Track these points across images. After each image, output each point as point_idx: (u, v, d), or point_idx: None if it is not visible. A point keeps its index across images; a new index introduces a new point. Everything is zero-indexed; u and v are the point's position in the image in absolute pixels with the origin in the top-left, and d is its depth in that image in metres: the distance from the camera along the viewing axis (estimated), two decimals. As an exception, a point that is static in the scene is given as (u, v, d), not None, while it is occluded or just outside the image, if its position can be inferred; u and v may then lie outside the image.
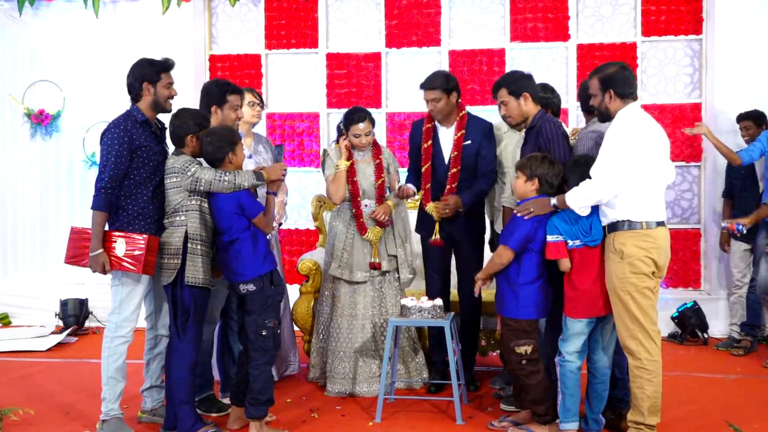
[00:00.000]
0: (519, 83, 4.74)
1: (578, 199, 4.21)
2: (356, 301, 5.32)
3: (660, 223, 4.18)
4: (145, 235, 4.38)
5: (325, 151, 5.44)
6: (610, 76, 4.23)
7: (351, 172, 5.30)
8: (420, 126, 5.46)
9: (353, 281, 5.30)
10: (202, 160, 4.50)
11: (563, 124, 4.81)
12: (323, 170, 5.39)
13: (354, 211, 5.31)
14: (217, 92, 4.82)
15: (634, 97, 4.24)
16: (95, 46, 7.84)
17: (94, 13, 7.74)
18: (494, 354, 5.98)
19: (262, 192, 4.81)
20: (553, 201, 4.31)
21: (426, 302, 4.90)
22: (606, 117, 4.30)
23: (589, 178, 4.20)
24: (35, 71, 8.02)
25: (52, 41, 7.94)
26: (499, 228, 5.26)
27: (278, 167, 4.64)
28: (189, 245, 4.40)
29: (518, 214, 4.42)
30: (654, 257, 4.13)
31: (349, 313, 5.30)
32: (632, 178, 4.12)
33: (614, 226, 4.19)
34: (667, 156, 4.28)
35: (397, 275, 5.43)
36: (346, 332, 5.30)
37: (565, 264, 4.34)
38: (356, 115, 5.29)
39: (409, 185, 5.35)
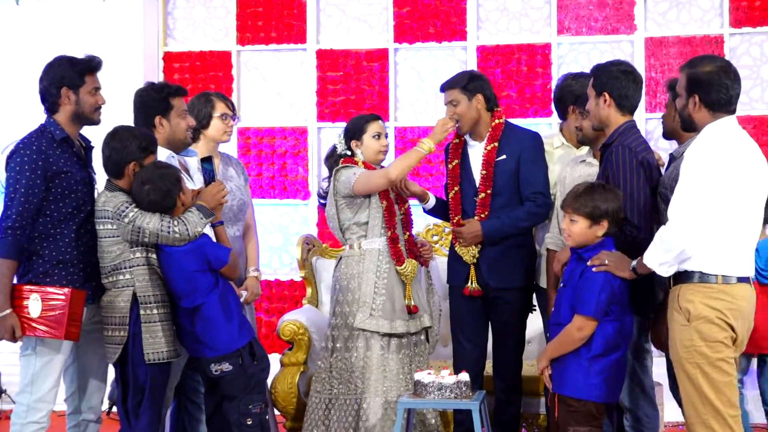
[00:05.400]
0: (605, 77, 4.61)
1: (654, 256, 4.08)
2: (387, 369, 5.09)
3: (743, 279, 4.05)
4: (66, 289, 4.32)
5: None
6: (701, 76, 4.09)
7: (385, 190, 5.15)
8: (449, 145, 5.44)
9: (393, 334, 5.11)
10: None
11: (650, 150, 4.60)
12: (338, 178, 5.15)
13: (389, 234, 5.14)
14: (156, 98, 4.86)
15: (730, 111, 4.09)
16: (15, 43, 7.74)
17: (14, 0, 7.64)
18: (538, 445, 5.78)
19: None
20: (634, 263, 4.21)
21: (448, 377, 4.77)
22: (688, 127, 4.23)
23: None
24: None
25: (-44, 36, 7.78)
26: (543, 281, 5.17)
27: (214, 189, 4.68)
28: (141, 312, 4.40)
29: (591, 266, 4.30)
30: (731, 321, 4.00)
31: (383, 389, 5.07)
32: (714, 218, 3.99)
33: (680, 277, 4.08)
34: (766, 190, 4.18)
35: (423, 337, 5.29)
36: (380, 419, 5.04)
37: None
38: (371, 115, 5.37)
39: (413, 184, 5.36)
